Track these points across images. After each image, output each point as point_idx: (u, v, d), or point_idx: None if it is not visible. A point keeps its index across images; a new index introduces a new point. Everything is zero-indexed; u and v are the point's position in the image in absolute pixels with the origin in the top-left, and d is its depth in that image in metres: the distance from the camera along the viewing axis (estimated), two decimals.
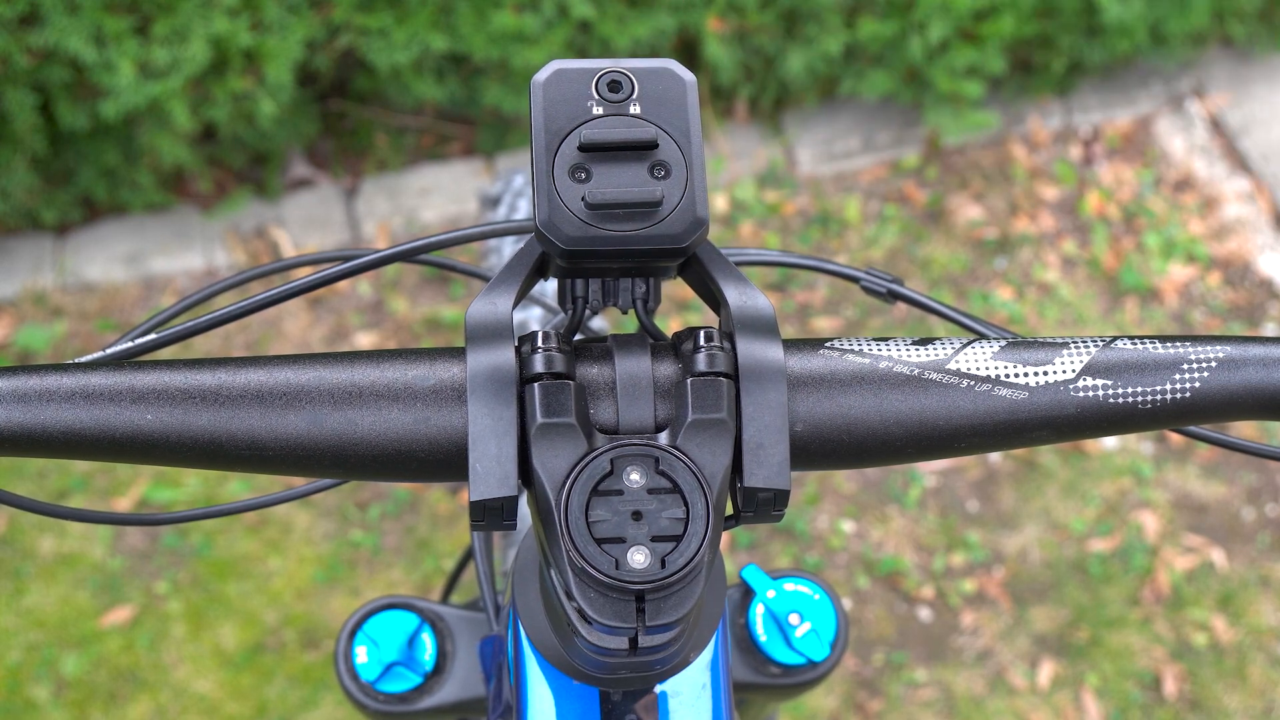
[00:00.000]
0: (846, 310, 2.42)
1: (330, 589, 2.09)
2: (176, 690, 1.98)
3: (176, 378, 0.49)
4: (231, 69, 2.28)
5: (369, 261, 0.60)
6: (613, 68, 0.50)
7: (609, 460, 0.48)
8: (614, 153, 0.49)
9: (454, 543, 2.14)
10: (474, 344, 0.49)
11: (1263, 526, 2.17)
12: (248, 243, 2.53)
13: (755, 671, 0.80)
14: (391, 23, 2.35)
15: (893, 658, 2.03)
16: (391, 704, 0.80)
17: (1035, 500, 2.20)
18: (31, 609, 2.07)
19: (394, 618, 0.81)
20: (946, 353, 0.52)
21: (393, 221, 2.57)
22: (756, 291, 0.52)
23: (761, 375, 0.49)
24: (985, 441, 0.52)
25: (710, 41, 2.47)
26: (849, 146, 2.68)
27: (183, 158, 2.40)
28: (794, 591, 0.81)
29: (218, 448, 0.49)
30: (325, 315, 2.43)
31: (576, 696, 0.64)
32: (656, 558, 0.47)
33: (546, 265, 0.53)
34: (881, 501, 2.20)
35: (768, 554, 2.13)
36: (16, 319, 2.41)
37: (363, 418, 0.49)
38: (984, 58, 2.50)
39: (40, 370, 0.49)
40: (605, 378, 0.51)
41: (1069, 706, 1.98)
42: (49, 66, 2.20)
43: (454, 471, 0.50)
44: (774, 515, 0.50)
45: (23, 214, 2.45)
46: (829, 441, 0.51)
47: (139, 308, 2.44)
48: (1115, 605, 2.08)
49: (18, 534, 2.14)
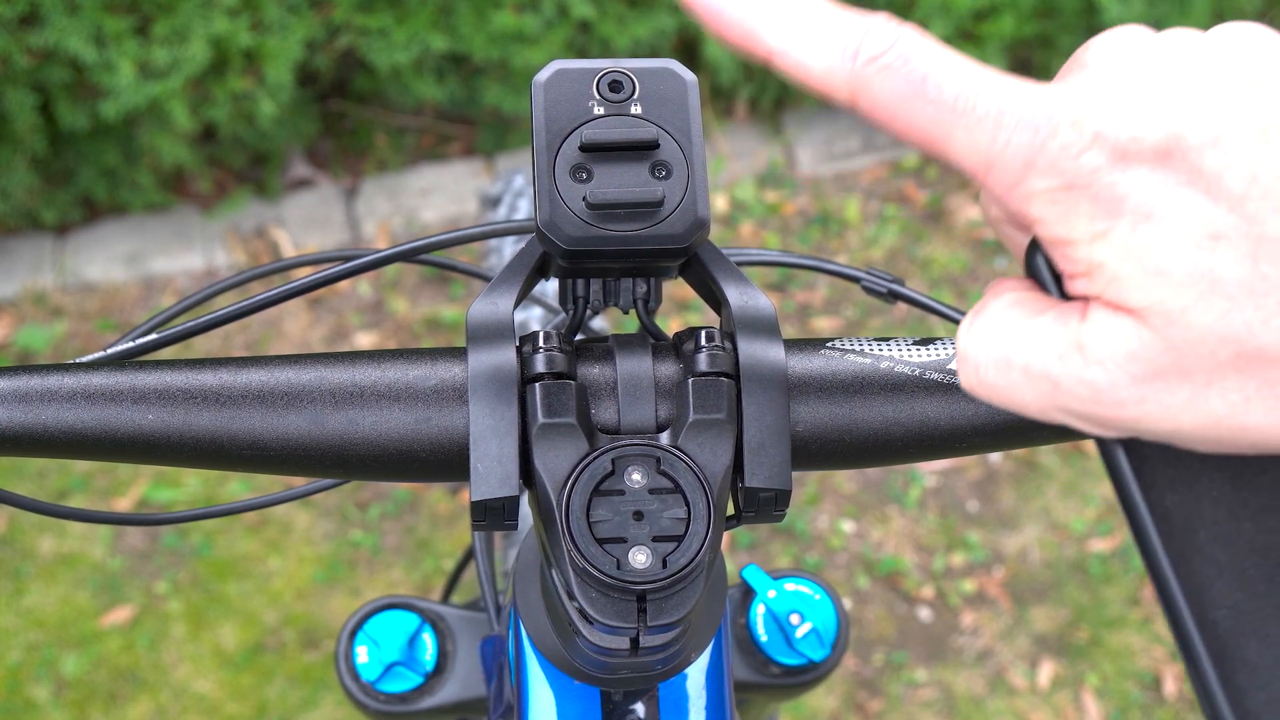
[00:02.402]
0: (847, 310, 2.42)
1: (330, 589, 2.09)
2: (176, 690, 1.98)
3: (177, 378, 0.49)
4: (231, 69, 2.28)
5: (369, 261, 0.60)
6: (614, 68, 0.50)
7: (610, 460, 0.48)
8: (615, 153, 0.49)
9: (454, 543, 2.14)
10: (475, 344, 0.49)
11: None
12: (248, 243, 2.53)
13: (756, 671, 0.80)
14: (391, 23, 2.35)
15: (893, 658, 2.03)
16: (392, 704, 0.80)
17: (1035, 500, 2.20)
18: (31, 609, 2.07)
19: (394, 618, 0.81)
20: (948, 352, 0.52)
21: (393, 221, 2.57)
22: (757, 291, 0.52)
23: (762, 375, 0.49)
24: (986, 442, 0.52)
25: (710, 42, 2.48)
26: (849, 146, 2.68)
27: (183, 158, 2.40)
28: (794, 591, 0.81)
29: (219, 448, 0.49)
30: (325, 315, 2.43)
31: (577, 696, 0.64)
32: (658, 558, 0.47)
33: (547, 265, 0.53)
34: (881, 501, 2.20)
35: (768, 554, 2.13)
36: (16, 319, 2.41)
37: (364, 418, 0.49)
38: (984, 58, 2.51)
39: (40, 370, 0.49)
40: (606, 378, 0.51)
41: (1069, 706, 1.98)
42: (49, 66, 2.20)
43: (455, 471, 0.50)
44: (775, 515, 0.50)
45: (23, 214, 2.45)
46: (830, 442, 0.51)
47: (139, 308, 2.44)
48: (1115, 605, 2.08)
49: (18, 534, 2.14)
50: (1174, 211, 0.33)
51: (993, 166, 0.35)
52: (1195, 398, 0.34)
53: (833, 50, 0.36)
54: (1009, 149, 0.35)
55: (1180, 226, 0.33)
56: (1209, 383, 0.34)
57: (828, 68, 0.36)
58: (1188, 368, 0.34)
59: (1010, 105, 0.35)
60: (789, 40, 0.37)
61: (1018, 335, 0.37)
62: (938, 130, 0.35)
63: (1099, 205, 0.34)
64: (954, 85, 0.35)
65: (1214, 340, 0.33)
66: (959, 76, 0.35)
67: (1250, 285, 0.32)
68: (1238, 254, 0.32)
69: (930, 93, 0.35)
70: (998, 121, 0.35)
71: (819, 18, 0.36)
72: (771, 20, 0.37)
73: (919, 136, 0.36)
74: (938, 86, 0.35)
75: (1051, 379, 0.36)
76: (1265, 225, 0.32)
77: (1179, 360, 0.34)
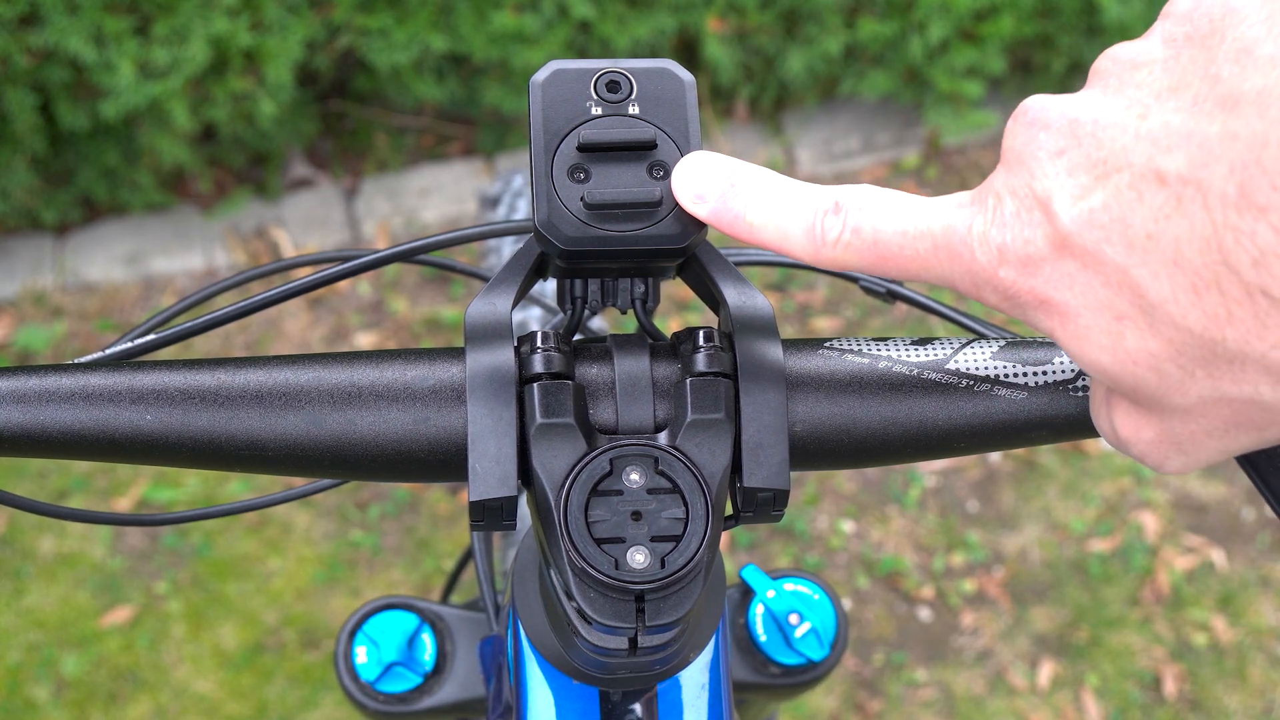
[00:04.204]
0: (846, 310, 2.42)
1: (330, 589, 2.09)
2: (176, 690, 1.98)
3: (176, 378, 0.49)
4: (231, 69, 2.28)
5: (369, 261, 0.60)
6: (612, 68, 0.50)
7: (608, 460, 0.48)
8: (613, 153, 0.49)
9: (454, 543, 2.14)
10: (473, 344, 0.49)
11: (1263, 526, 2.17)
12: (248, 243, 2.53)
13: (755, 671, 0.80)
14: (391, 23, 2.35)
15: (893, 658, 2.03)
16: (391, 704, 0.80)
17: (1035, 500, 2.20)
18: (31, 609, 2.07)
19: (394, 618, 0.81)
20: (946, 353, 0.52)
21: (393, 221, 2.57)
22: (755, 292, 0.52)
23: (760, 375, 0.49)
24: (985, 441, 0.52)
25: (710, 42, 2.47)
26: (849, 146, 2.68)
27: (183, 158, 2.40)
28: (794, 591, 0.81)
29: (218, 448, 0.49)
30: (325, 315, 2.43)
31: (576, 696, 0.64)
32: (656, 558, 0.47)
33: (546, 265, 0.53)
34: (881, 501, 2.20)
35: (768, 554, 2.13)
36: (16, 319, 2.41)
37: (362, 418, 0.49)
38: (984, 57, 2.51)
39: (40, 370, 0.49)
40: (604, 378, 0.51)
41: (1069, 706, 1.98)
42: (49, 66, 2.20)
43: (453, 472, 0.50)
44: (773, 515, 0.50)
45: (23, 214, 2.45)
46: (828, 441, 0.51)
47: (139, 308, 2.44)
48: (1115, 605, 2.08)
49: (18, 534, 2.14)
50: (1086, 306, 0.36)
51: (956, 287, 0.40)
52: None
53: (801, 238, 0.42)
54: (957, 275, 0.39)
55: (1093, 318, 0.36)
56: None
57: (799, 251, 0.42)
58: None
59: (941, 238, 0.39)
60: (766, 230, 0.43)
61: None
62: (910, 272, 0.40)
63: (1038, 310, 0.37)
64: (895, 239, 0.40)
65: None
66: (896, 225, 0.40)
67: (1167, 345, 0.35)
68: (1140, 330, 0.35)
69: (885, 252, 0.40)
70: (938, 254, 0.39)
71: (785, 204, 0.43)
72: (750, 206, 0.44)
73: (904, 279, 0.41)
74: (888, 245, 0.40)
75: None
76: (1148, 291, 0.35)
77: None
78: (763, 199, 0.43)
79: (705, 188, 0.45)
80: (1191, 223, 0.33)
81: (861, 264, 0.41)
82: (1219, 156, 0.32)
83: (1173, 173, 0.33)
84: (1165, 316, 0.34)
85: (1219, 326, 0.33)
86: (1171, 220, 0.33)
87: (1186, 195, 0.33)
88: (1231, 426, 0.36)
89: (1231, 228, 0.32)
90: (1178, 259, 0.33)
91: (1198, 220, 0.33)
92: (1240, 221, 0.32)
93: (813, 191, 0.42)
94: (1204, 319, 0.33)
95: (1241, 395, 0.35)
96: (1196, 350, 0.34)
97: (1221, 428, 0.36)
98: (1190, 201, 0.33)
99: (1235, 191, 0.32)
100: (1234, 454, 0.38)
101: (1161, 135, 0.34)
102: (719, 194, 0.45)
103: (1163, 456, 0.39)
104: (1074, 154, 0.36)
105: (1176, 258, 0.33)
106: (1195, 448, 0.38)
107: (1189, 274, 0.33)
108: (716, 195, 0.45)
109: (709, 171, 0.46)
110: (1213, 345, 0.34)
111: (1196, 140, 0.33)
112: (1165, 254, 0.33)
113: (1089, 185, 0.35)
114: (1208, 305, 0.33)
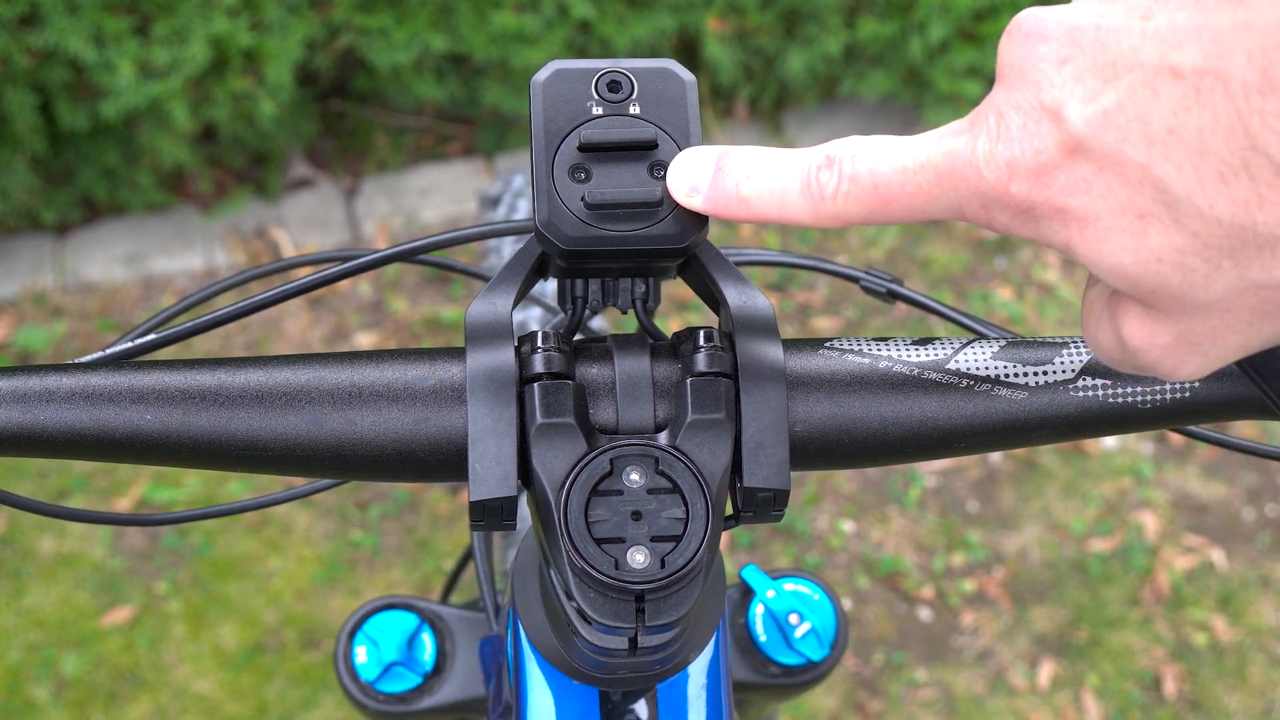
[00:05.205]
0: (846, 310, 2.42)
1: (330, 589, 2.09)
2: (176, 690, 1.98)
3: (176, 378, 0.49)
4: (231, 69, 2.28)
5: (369, 261, 0.60)
6: (612, 68, 0.50)
7: (608, 460, 0.48)
8: (613, 153, 0.49)
9: (454, 543, 2.14)
10: (474, 344, 0.49)
11: (1263, 526, 2.17)
12: (248, 243, 2.53)
13: (755, 671, 0.80)
14: (391, 23, 2.35)
15: (893, 658, 2.03)
16: (391, 704, 0.80)
17: (1035, 500, 2.20)
18: (31, 609, 2.07)
19: (394, 618, 0.81)
20: (946, 353, 0.52)
21: (393, 221, 2.57)
22: (756, 291, 0.52)
23: (761, 375, 0.49)
24: (985, 441, 0.52)
25: (710, 41, 2.47)
26: None
27: (183, 158, 2.40)
28: (794, 591, 0.81)
29: (218, 448, 0.49)
30: (325, 315, 2.43)
31: (576, 696, 0.64)
32: (656, 558, 0.47)
33: (546, 265, 0.53)
34: (881, 501, 2.20)
35: (768, 554, 2.13)
36: (16, 319, 2.41)
37: (362, 418, 0.49)
38: (984, 57, 2.51)
39: (40, 370, 0.49)
40: (605, 378, 0.51)
41: (1069, 706, 1.98)
42: (49, 66, 2.20)
43: (454, 472, 0.50)
44: (774, 515, 0.50)
45: (23, 214, 2.45)
46: (829, 441, 0.51)
47: (139, 308, 2.44)
48: (1115, 605, 2.08)
49: (18, 534, 2.14)
50: (1105, 209, 0.36)
51: (964, 214, 0.39)
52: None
53: (798, 199, 0.42)
54: (965, 200, 0.38)
55: (1114, 220, 0.36)
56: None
57: (798, 213, 0.42)
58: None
59: (944, 165, 0.38)
60: (762, 200, 0.43)
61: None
62: (915, 209, 0.40)
63: (1053, 221, 0.37)
64: (896, 177, 0.39)
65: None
66: (893, 164, 0.39)
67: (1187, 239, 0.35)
68: (1163, 226, 0.35)
69: (887, 194, 0.39)
70: (942, 183, 0.39)
71: (776, 169, 0.42)
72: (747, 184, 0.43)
73: (908, 219, 0.40)
74: (889, 186, 0.39)
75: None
76: (1172, 187, 0.34)
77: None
78: (753, 171, 0.43)
79: (696, 178, 0.45)
80: (1214, 112, 0.33)
81: (863, 211, 0.40)
82: (1235, 46, 0.32)
83: (1188, 66, 0.33)
84: (1191, 209, 0.34)
85: (1249, 212, 0.33)
86: (1192, 112, 0.33)
87: (1205, 86, 0.33)
88: (1256, 318, 0.36)
89: (1258, 111, 0.32)
90: (1202, 149, 0.33)
91: (1221, 109, 0.33)
92: (1265, 104, 0.32)
93: (802, 152, 0.42)
94: (1233, 206, 0.33)
95: (1271, 281, 0.34)
96: (1224, 240, 0.34)
97: (1246, 319, 0.36)
98: (1210, 91, 0.33)
99: (1257, 76, 0.32)
100: (1252, 350, 0.38)
101: (1169, 32, 0.34)
102: (709, 179, 0.44)
103: (1179, 360, 0.38)
104: (1079, 60, 0.35)
105: (1201, 148, 0.33)
106: (1215, 345, 0.37)
107: (1215, 163, 0.33)
108: (707, 181, 0.45)
109: (696, 161, 0.45)
110: (1242, 233, 0.34)
111: (1209, 33, 0.33)
112: (1189, 146, 0.33)
113: (1099, 89, 0.35)
114: (1236, 192, 0.33)
